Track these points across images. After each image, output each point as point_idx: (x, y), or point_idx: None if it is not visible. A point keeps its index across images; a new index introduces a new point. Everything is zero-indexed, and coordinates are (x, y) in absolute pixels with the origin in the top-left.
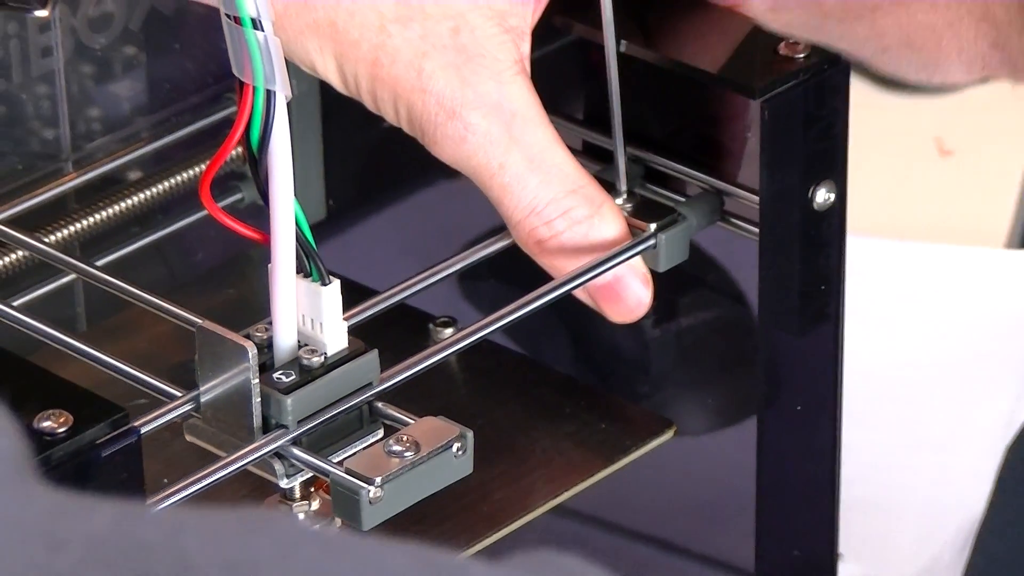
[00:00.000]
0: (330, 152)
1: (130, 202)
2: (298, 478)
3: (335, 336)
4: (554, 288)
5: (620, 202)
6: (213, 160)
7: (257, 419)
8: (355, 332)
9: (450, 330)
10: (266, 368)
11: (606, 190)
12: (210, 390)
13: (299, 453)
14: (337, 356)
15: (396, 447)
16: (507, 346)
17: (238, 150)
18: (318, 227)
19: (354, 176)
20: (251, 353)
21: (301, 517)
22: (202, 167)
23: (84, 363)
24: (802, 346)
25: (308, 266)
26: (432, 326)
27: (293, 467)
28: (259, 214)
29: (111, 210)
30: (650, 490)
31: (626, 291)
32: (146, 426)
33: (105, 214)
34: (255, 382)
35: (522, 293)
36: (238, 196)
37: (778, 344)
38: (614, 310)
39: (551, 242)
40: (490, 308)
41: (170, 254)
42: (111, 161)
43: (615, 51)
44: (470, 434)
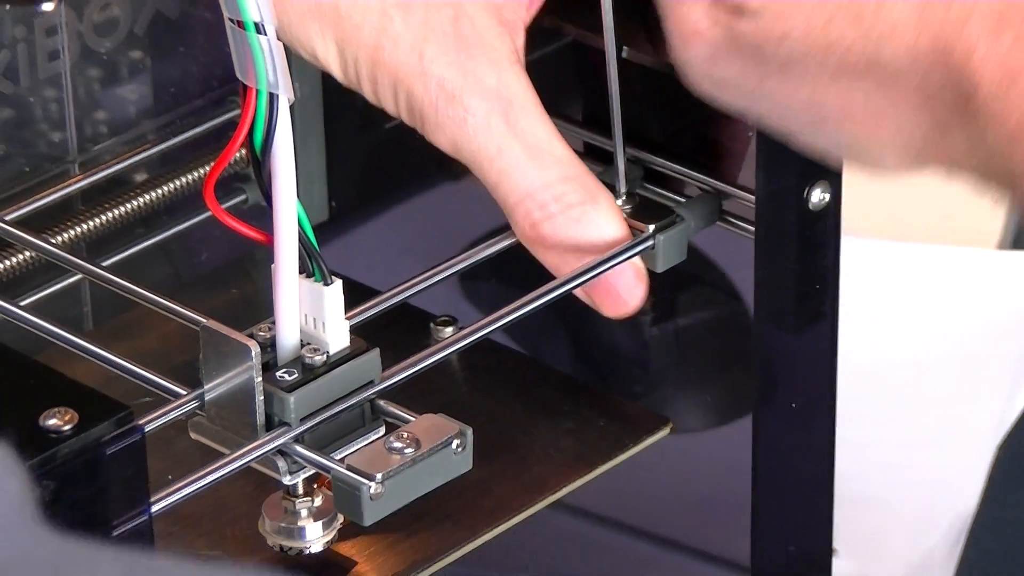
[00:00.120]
0: (332, 154)
1: (136, 203)
2: (301, 475)
3: (337, 335)
4: (554, 288)
5: (620, 203)
6: (217, 162)
7: (260, 417)
8: (357, 331)
9: (451, 329)
10: (269, 367)
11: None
12: (214, 388)
13: (302, 450)
14: (339, 355)
15: (397, 444)
16: (507, 345)
17: (242, 152)
18: (320, 228)
19: (356, 178)
20: (254, 352)
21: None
22: (206, 169)
23: (90, 362)
24: (798, 345)
25: (311, 266)
26: (433, 325)
27: (296, 464)
28: (262, 215)
29: (117, 211)
30: (647, 486)
31: (620, 285)
32: (151, 424)
33: (111, 215)
34: (258, 380)
35: (522, 293)
36: (242, 197)
37: (774, 343)
38: (608, 304)
39: (545, 226)
40: (490, 308)
41: (175, 254)
42: (117, 163)
43: (616, 56)
44: (469, 431)
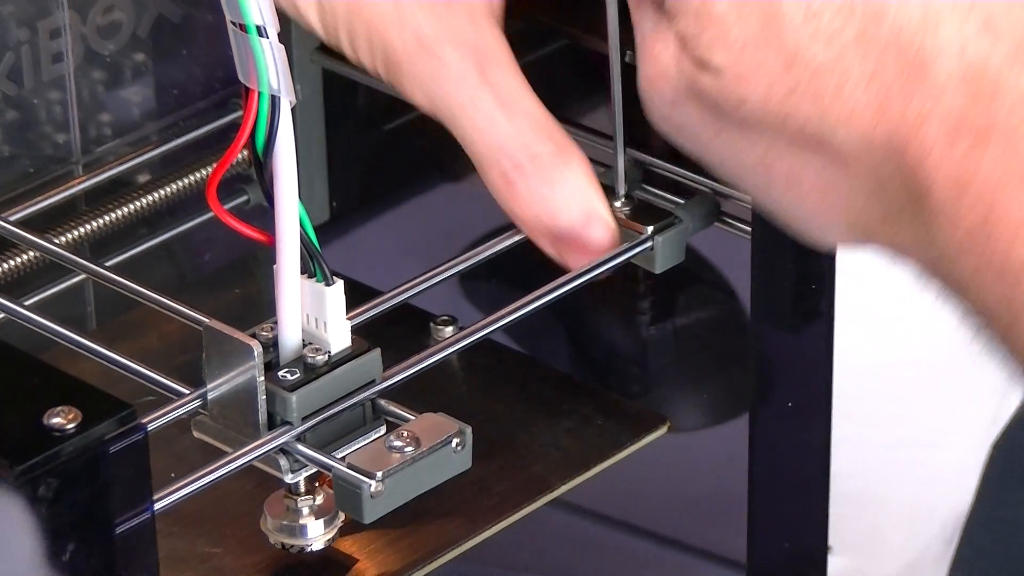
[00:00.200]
0: (334, 155)
1: (138, 204)
2: (302, 473)
3: (339, 335)
4: (554, 288)
5: (618, 205)
6: (219, 163)
7: (262, 416)
8: (358, 331)
9: (451, 329)
10: (271, 366)
11: (605, 194)
12: (217, 387)
13: (303, 449)
14: (341, 354)
15: (397, 443)
16: (507, 345)
17: (244, 153)
18: (322, 229)
19: (357, 179)
20: (257, 351)
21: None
22: (209, 170)
23: (93, 361)
24: (794, 343)
25: (312, 267)
26: (433, 325)
27: (297, 463)
28: (264, 216)
29: (120, 212)
30: (645, 484)
31: (590, 241)
32: (154, 423)
33: (114, 216)
34: (261, 380)
35: (522, 293)
36: (244, 198)
37: (770, 342)
38: (575, 260)
39: (517, 181)
40: (490, 308)
41: (178, 255)
42: (120, 164)
43: (619, 59)
44: (468, 430)
